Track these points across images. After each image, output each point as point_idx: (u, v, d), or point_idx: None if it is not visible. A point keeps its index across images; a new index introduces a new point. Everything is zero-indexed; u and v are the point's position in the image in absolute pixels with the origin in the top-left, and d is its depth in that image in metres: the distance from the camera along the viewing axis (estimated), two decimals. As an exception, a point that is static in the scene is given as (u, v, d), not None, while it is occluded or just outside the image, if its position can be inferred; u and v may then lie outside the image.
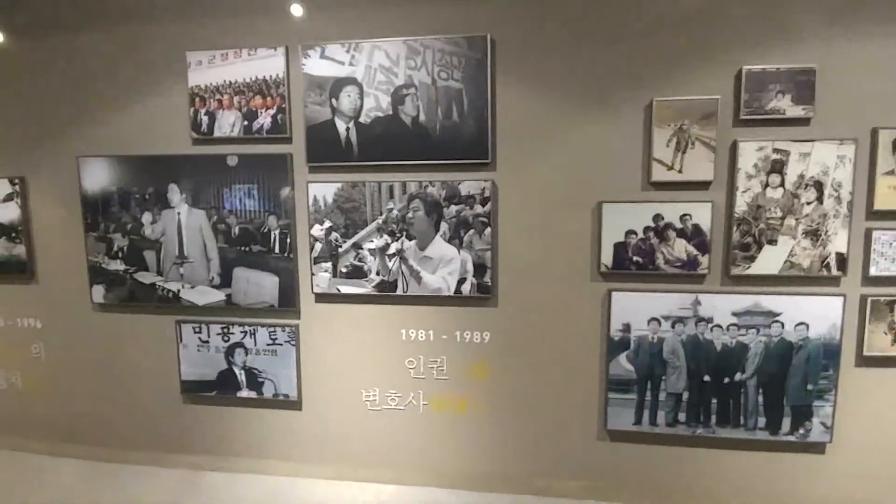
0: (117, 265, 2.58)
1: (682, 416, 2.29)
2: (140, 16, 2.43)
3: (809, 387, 2.21)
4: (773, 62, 2.05)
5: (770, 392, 2.23)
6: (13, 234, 2.66)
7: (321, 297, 2.46)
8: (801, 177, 2.10)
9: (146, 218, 2.52)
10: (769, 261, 2.15)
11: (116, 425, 2.73)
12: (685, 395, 2.27)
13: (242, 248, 2.46)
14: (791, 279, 2.15)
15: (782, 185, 2.12)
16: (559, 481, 2.40)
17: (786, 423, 2.24)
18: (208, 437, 2.65)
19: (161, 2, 2.41)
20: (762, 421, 2.25)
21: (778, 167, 2.11)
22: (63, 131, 2.57)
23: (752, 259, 2.16)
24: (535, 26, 2.18)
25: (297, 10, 2.29)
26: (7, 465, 2.71)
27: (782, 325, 2.18)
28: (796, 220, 2.12)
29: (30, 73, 2.56)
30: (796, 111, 2.08)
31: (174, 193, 2.48)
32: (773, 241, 2.15)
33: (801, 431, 2.24)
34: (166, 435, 2.68)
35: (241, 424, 2.61)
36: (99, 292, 2.61)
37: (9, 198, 2.64)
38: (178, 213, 2.49)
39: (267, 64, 2.35)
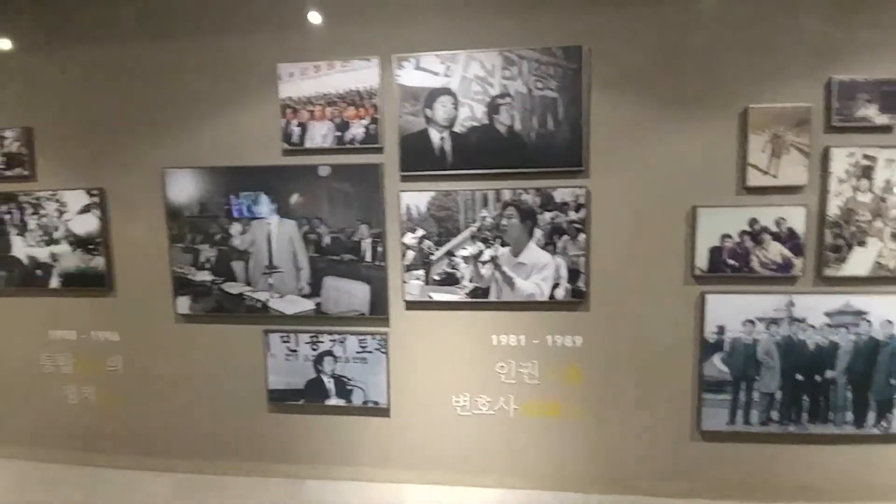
0: (204, 276, 2.59)
1: (774, 415, 2.35)
2: (232, 27, 2.47)
3: (893, 381, 2.28)
4: (860, 73, 2.13)
5: (857, 387, 2.31)
6: (90, 246, 2.66)
7: (412, 305, 2.50)
8: (888, 182, 2.19)
9: (235, 228, 2.54)
10: (859, 262, 2.23)
11: (200, 436, 2.73)
12: (778, 394, 2.34)
13: (333, 257, 2.49)
14: (879, 279, 2.23)
15: (871, 189, 2.20)
16: (655, 482, 2.46)
17: (871, 417, 2.30)
18: (296, 445, 2.67)
19: (254, 14, 2.43)
20: (849, 416, 2.32)
21: (867, 172, 2.19)
22: (147, 142, 2.59)
23: (842, 260, 2.24)
24: (629, 36, 2.26)
25: (314, 18, 2.34)
26: (95, 480, 2.69)
27: (870, 323, 2.26)
28: (884, 223, 2.21)
29: (114, 83, 2.57)
30: (882, 119, 2.17)
31: (264, 204, 2.50)
32: (862, 243, 2.23)
33: (884, 424, 2.31)
34: (253, 445, 2.69)
35: (330, 432, 2.64)
36: (184, 303, 2.62)
37: (86, 209, 2.64)
38: (269, 224, 2.51)
39: (360, 75, 2.39)
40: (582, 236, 2.34)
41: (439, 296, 2.46)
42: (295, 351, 2.60)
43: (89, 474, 2.75)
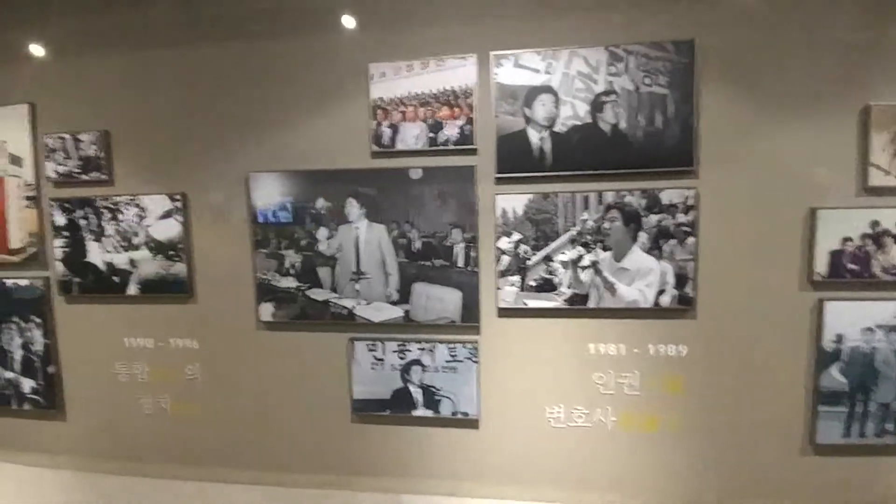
0: (288, 282, 2.52)
1: (889, 426, 2.23)
2: (321, 27, 2.39)
3: None
4: None
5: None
6: (171, 252, 2.60)
7: (505, 312, 2.41)
8: None
9: (322, 233, 2.47)
10: None
11: (281, 447, 2.67)
12: (894, 405, 2.21)
13: (424, 263, 2.41)
14: None
15: None
16: (760, 499, 2.34)
17: None
18: (381, 457, 2.59)
19: (344, 12, 2.36)
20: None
21: None
22: (231, 146, 2.54)
23: (973, 265, 2.10)
24: (742, 30, 2.15)
25: (349, 22, 2.27)
26: (170, 493, 2.63)
27: None
28: None
29: (195, 86, 2.54)
30: None
31: (353, 208, 2.43)
32: None
33: None
34: (337, 456, 2.62)
35: (416, 444, 2.56)
36: (267, 310, 2.56)
37: (167, 214, 2.58)
38: (357, 228, 2.44)
39: (455, 74, 2.32)
40: (691, 240, 2.23)
41: (535, 302, 2.37)
42: (381, 360, 2.52)
43: (164, 486, 2.70)
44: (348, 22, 2.40)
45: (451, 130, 2.36)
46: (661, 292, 2.29)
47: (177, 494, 2.64)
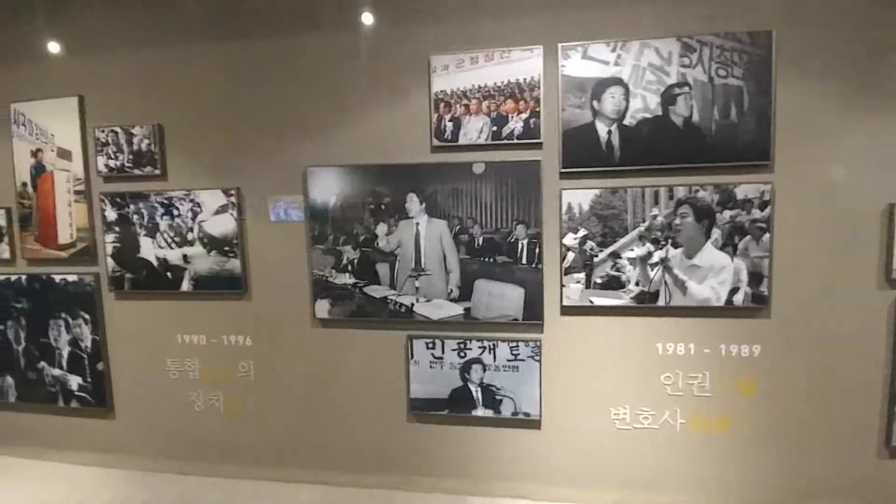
0: (346, 279, 2.48)
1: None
2: (381, 18, 2.34)
3: None
4: None
5: None
6: (226, 248, 2.57)
7: (569, 310, 2.36)
8: None
9: (381, 229, 2.43)
10: None
11: (336, 446, 2.63)
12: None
13: (486, 259, 2.36)
14: None
15: None
16: (834, 502, 2.27)
17: None
18: (439, 457, 2.55)
19: (406, 4, 2.31)
20: None
21: None
22: (287, 140, 2.50)
23: None
24: (820, 20, 2.09)
25: (367, 19, 2.30)
26: (221, 491, 2.61)
27: None
28: None
29: (250, 80, 2.52)
30: None
31: (413, 203, 2.39)
32: None
33: None
34: (393, 456, 2.58)
35: (475, 444, 2.51)
36: (323, 307, 2.52)
37: (222, 209, 2.55)
38: (417, 224, 2.40)
39: (521, 66, 2.27)
40: (766, 236, 2.17)
41: (601, 300, 2.31)
42: (440, 358, 2.47)
43: (216, 485, 2.67)
44: (410, 12, 2.34)
45: (515, 124, 2.31)
46: (734, 290, 2.23)
47: (230, 493, 2.60)
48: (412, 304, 2.47)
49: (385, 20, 2.38)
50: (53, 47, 2.67)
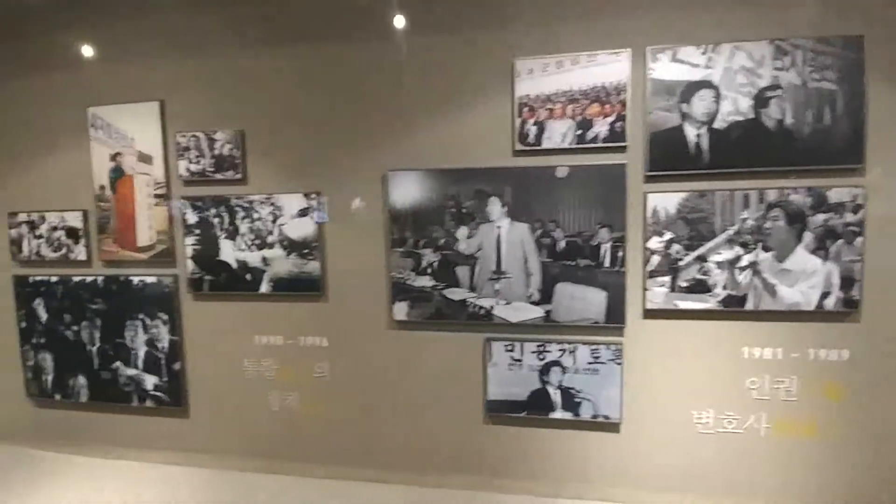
0: (424, 281, 2.50)
1: None
2: (465, 22, 2.37)
3: None
4: None
5: None
6: (306, 251, 2.61)
7: (652, 314, 2.36)
8: None
9: (461, 232, 2.45)
10: None
11: (412, 447, 2.67)
12: None
13: (568, 262, 2.37)
14: None
15: None
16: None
17: None
18: (516, 459, 2.56)
19: (491, 7, 2.33)
20: None
21: None
22: (367, 144, 2.54)
23: None
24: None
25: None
26: (295, 490, 2.65)
27: None
28: None
29: (331, 85, 2.55)
30: None
31: (495, 206, 2.40)
32: None
33: None
34: (469, 457, 2.60)
35: (553, 447, 2.52)
36: (401, 309, 2.55)
37: (303, 213, 2.58)
38: (498, 227, 2.41)
39: (607, 69, 2.28)
40: (859, 240, 2.15)
41: (686, 304, 2.31)
42: (519, 360, 2.49)
43: (292, 484, 2.71)
44: (496, 16, 2.36)
45: (600, 127, 2.32)
46: (825, 294, 2.21)
47: (305, 492, 2.64)
48: (491, 307, 2.49)
49: (469, 23, 2.41)
50: (132, 52, 2.72)
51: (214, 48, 2.67)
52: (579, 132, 2.35)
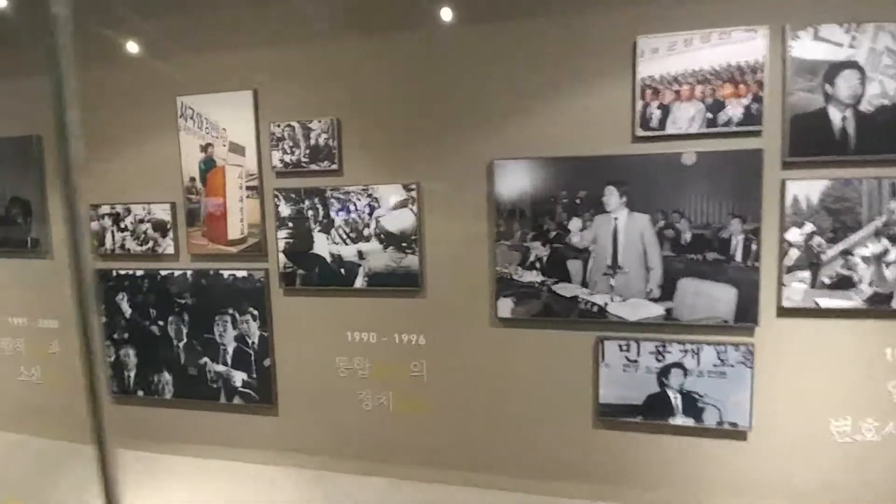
0: (533, 276, 2.37)
1: None
2: (578, 2, 2.22)
3: None
4: None
5: None
6: (404, 244, 2.50)
7: (787, 312, 2.19)
8: None
9: (574, 224, 2.31)
10: None
11: (513, 450, 2.55)
12: None
13: (693, 256, 2.20)
14: None
15: None
16: None
17: None
18: (629, 467, 2.42)
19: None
20: None
21: None
22: (469, 132, 2.43)
23: None
24: None
25: None
26: (390, 493, 2.55)
27: None
28: None
29: (433, 71, 2.46)
30: None
31: (612, 196, 2.26)
32: None
33: None
34: (577, 463, 2.48)
35: (670, 455, 2.37)
36: (505, 306, 2.42)
37: (402, 204, 2.48)
38: (615, 219, 2.26)
39: (743, 48, 2.11)
40: None
41: (828, 301, 2.14)
42: (635, 361, 2.33)
43: (385, 486, 2.61)
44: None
45: (734, 110, 2.16)
46: None
47: (400, 494, 2.54)
48: (605, 304, 2.35)
49: (585, 3, 2.26)
50: (225, 39, 2.66)
51: (309, 35, 2.58)
52: (709, 115, 2.19)
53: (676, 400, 2.35)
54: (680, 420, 2.35)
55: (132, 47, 2.79)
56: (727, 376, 2.29)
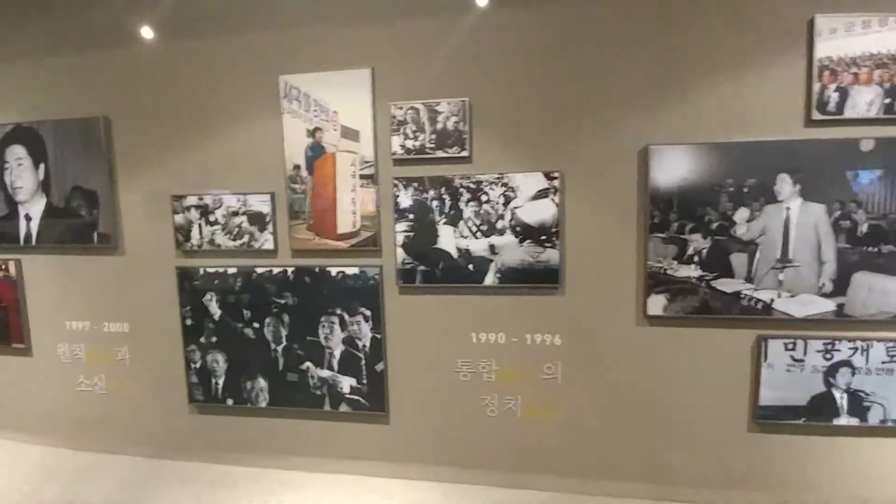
0: (690, 271, 2.22)
1: None
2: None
3: None
4: None
5: None
6: (542, 238, 2.32)
7: (964, 306, 2.07)
8: None
9: (740, 215, 2.17)
10: None
11: (664, 457, 2.41)
12: None
13: (868, 249, 2.09)
14: None
15: None
16: None
17: None
18: (790, 470, 2.30)
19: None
20: None
21: None
22: (618, 116, 2.29)
23: None
24: None
25: None
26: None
27: None
28: None
29: (575, 47, 2.28)
30: None
31: (784, 185, 2.12)
32: None
33: None
34: (733, 470, 2.34)
35: (833, 456, 2.27)
36: (658, 303, 2.27)
37: (542, 195, 2.29)
38: (787, 209, 2.13)
39: (928, 29, 1.98)
40: None
41: None
42: (801, 361, 2.22)
43: (517, 498, 2.42)
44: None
45: (917, 95, 2.03)
46: None
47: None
48: (772, 300, 2.22)
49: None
50: (340, 13, 2.42)
51: (434, 6, 2.35)
52: (888, 100, 2.06)
53: (842, 399, 2.24)
54: (844, 420, 2.26)
55: (232, 20, 2.52)
56: (895, 373, 2.18)
